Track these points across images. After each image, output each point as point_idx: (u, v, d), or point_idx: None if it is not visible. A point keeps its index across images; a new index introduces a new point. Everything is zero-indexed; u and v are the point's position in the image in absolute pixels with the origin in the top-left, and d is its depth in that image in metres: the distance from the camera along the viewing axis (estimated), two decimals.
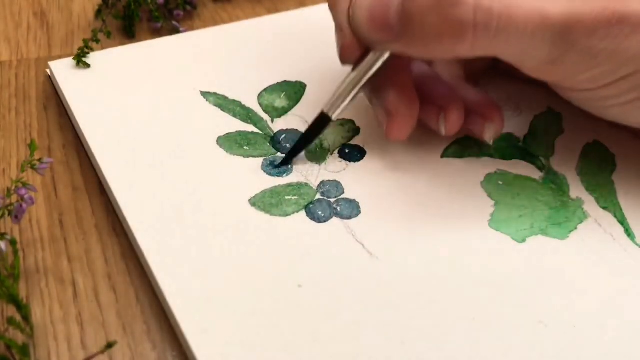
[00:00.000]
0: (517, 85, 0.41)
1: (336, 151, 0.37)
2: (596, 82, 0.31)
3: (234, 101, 0.39)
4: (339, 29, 0.34)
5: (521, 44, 0.29)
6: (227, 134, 0.37)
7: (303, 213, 0.33)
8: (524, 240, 0.33)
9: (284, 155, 0.36)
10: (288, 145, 0.36)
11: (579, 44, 0.29)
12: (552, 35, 0.29)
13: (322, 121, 0.35)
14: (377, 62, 0.33)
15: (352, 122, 0.38)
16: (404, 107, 0.34)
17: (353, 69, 0.34)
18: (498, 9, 0.28)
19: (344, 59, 0.34)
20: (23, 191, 0.31)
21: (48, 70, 0.41)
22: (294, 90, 0.40)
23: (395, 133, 0.34)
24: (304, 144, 0.36)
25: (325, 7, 0.46)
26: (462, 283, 0.31)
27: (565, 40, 0.29)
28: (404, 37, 0.30)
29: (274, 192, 0.34)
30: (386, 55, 0.33)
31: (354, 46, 0.33)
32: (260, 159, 0.36)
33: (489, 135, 0.35)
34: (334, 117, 0.34)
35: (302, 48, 0.42)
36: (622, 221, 0.34)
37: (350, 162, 0.36)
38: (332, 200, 0.34)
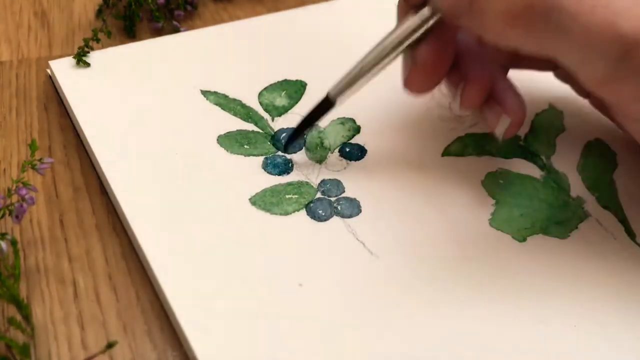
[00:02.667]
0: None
1: (337, 150, 0.37)
2: None
3: (234, 100, 0.39)
4: None
5: (582, 51, 0.27)
6: (227, 132, 0.37)
7: (303, 212, 0.33)
8: (524, 240, 0.33)
9: (284, 154, 0.36)
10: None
11: None
12: (617, 51, 0.26)
13: (324, 105, 0.34)
14: (393, 50, 0.32)
15: (352, 120, 0.38)
16: (433, 56, 0.32)
17: (366, 55, 0.33)
18: (567, 4, 0.26)
19: None
20: (24, 191, 0.31)
21: (48, 70, 0.41)
22: (294, 89, 0.40)
23: (416, 83, 0.33)
24: (303, 128, 0.35)
25: (325, 6, 0.46)
26: (462, 282, 0.31)
27: (629, 60, 0.26)
28: (468, 11, 0.29)
29: (274, 191, 0.34)
30: (404, 44, 0.32)
31: None
32: (261, 158, 0.36)
33: (500, 129, 0.33)
34: (338, 102, 0.34)
35: (303, 47, 0.42)
36: (623, 220, 0.34)
37: (350, 160, 0.36)
38: (333, 199, 0.34)
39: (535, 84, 0.39)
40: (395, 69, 0.41)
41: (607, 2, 0.26)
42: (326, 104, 0.34)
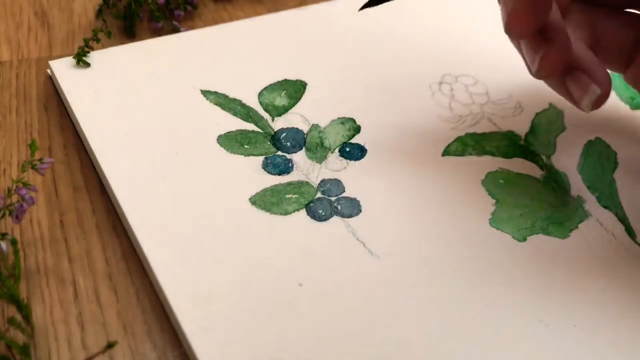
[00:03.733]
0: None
1: (337, 150, 0.37)
2: None
3: (234, 100, 0.39)
4: None
5: None
6: (227, 132, 0.37)
7: (303, 212, 0.33)
8: (524, 239, 0.33)
9: (284, 154, 0.36)
10: (289, 144, 0.36)
11: None
12: None
13: None
14: None
15: (352, 120, 0.38)
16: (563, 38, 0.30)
17: None
18: None
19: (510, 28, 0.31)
20: (24, 191, 0.31)
21: (48, 70, 0.41)
22: (294, 89, 0.40)
23: (518, 20, 0.30)
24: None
25: (325, 6, 0.46)
26: (462, 282, 0.31)
27: None
28: None
29: (274, 190, 0.34)
30: None
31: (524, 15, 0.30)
32: (261, 158, 0.36)
33: (588, 100, 0.31)
34: None
35: (302, 47, 0.42)
36: (623, 220, 0.34)
37: (350, 160, 0.36)
38: (333, 198, 0.34)
39: (536, 83, 0.38)
40: (395, 69, 0.41)
41: None
42: None
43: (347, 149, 0.37)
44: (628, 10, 0.34)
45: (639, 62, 0.34)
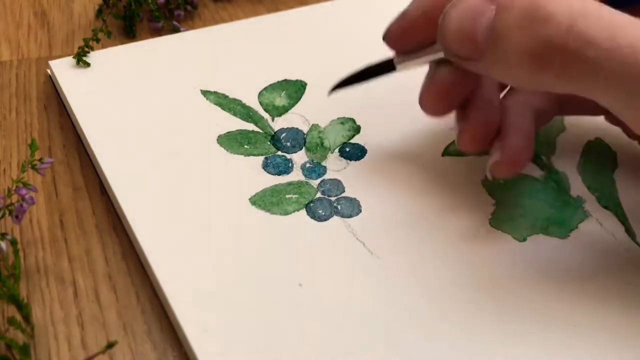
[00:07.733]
0: None
1: (337, 150, 0.37)
2: None
3: (234, 100, 0.39)
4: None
5: (622, 91, 0.25)
6: (227, 132, 0.37)
7: (303, 212, 0.33)
8: (524, 239, 0.33)
9: (284, 154, 0.36)
10: (289, 144, 0.36)
11: None
12: None
13: (386, 66, 0.33)
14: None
15: (352, 120, 0.38)
16: (450, 80, 0.30)
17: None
18: (600, 36, 0.24)
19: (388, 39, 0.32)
20: (24, 191, 0.31)
21: (48, 70, 0.41)
22: (294, 89, 0.40)
23: (428, 103, 0.32)
24: (356, 80, 0.34)
25: (325, 6, 0.46)
26: (462, 282, 0.31)
27: None
28: (487, 55, 0.27)
29: (274, 190, 0.34)
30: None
31: (411, 30, 0.30)
32: (261, 158, 0.36)
33: (488, 164, 0.32)
34: (398, 68, 0.33)
35: (303, 47, 0.42)
36: (623, 220, 0.34)
37: (350, 160, 0.36)
38: (333, 199, 0.34)
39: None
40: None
41: None
42: (388, 66, 0.33)
43: (347, 149, 0.37)
44: None
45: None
